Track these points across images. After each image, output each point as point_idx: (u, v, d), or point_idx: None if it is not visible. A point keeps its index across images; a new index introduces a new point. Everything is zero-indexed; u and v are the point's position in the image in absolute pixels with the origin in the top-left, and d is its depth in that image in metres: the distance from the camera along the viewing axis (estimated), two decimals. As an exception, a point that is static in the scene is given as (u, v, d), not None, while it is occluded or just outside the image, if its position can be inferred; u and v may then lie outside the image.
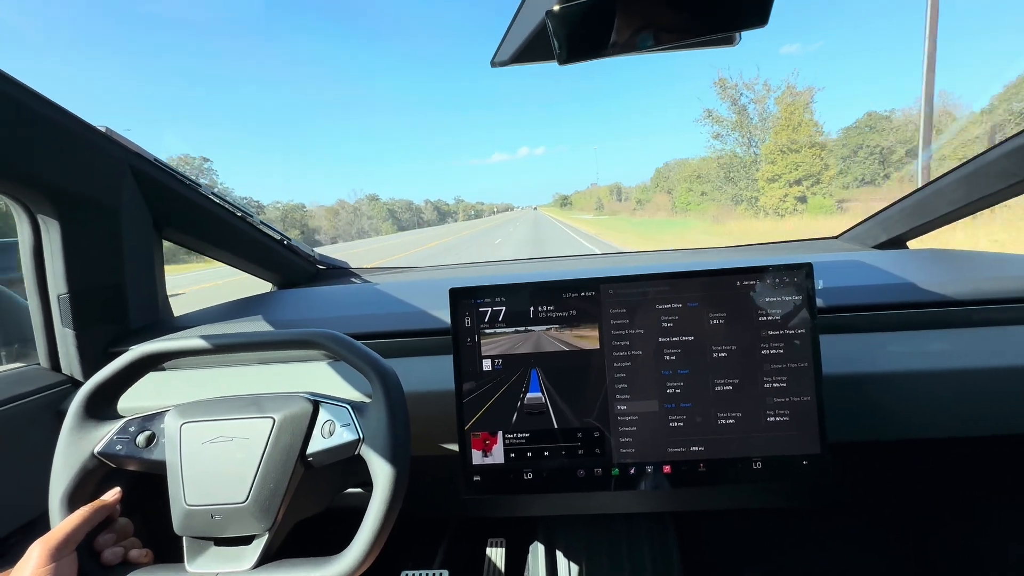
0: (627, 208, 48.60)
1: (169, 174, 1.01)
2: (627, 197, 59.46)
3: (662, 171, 41.55)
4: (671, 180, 36.68)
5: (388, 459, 0.59)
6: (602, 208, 64.91)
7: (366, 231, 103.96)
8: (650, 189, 43.81)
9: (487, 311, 0.72)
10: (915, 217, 1.25)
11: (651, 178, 46.74)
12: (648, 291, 0.70)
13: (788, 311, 0.68)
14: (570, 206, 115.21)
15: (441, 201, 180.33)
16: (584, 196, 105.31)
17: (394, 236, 64.60)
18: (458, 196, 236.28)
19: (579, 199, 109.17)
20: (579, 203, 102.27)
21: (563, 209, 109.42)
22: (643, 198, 43.91)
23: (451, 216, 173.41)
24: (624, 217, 40.60)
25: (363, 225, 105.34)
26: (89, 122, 0.84)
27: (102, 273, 0.93)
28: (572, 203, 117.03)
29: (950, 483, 0.94)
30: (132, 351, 0.65)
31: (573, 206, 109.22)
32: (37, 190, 0.79)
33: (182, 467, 0.61)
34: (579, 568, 1.18)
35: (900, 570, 1.18)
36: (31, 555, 0.53)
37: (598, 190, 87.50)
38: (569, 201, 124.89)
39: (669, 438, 0.70)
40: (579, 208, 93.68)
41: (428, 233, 53.77)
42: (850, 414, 0.73)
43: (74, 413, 0.63)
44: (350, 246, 40.00)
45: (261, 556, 0.58)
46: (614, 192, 74.20)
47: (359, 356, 0.63)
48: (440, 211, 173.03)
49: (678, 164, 36.89)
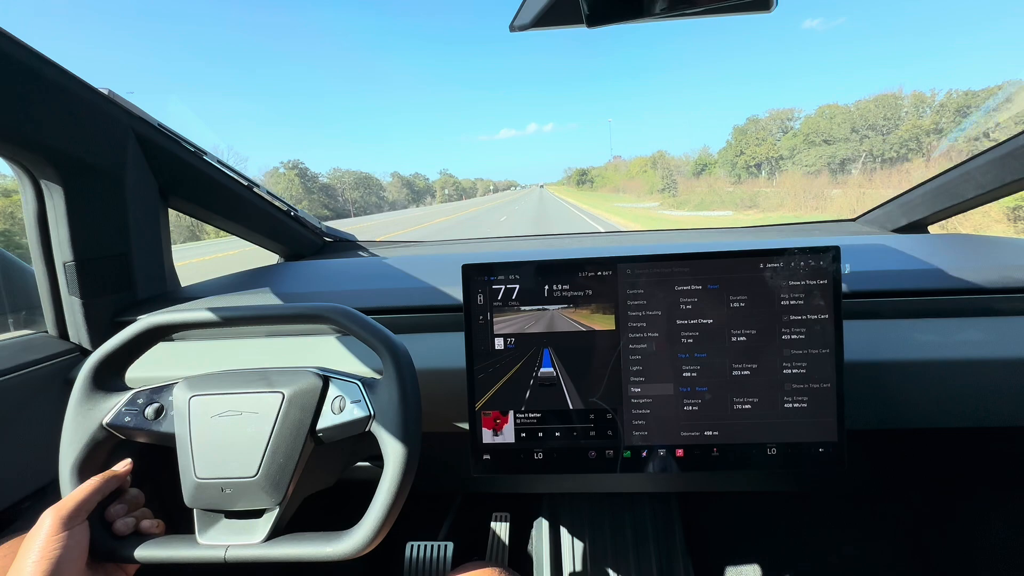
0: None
1: (174, 140, 0.99)
2: (699, 169, 41.88)
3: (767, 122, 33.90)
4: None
5: (399, 437, 0.58)
6: (674, 188, 37.01)
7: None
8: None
9: (500, 288, 0.71)
10: (939, 201, 1.21)
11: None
12: (667, 272, 0.68)
13: (812, 295, 0.66)
14: (591, 185, 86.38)
15: (417, 176, 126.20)
16: (610, 172, 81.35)
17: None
18: (444, 169, 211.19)
19: (605, 175, 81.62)
20: (606, 180, 75.26)
21: (582, 190, 79.95)
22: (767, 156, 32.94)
23: (430, 195, 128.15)
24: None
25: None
26: (91, 84, 0.81)
27: (108, 241, 0.92)
28: (594, 180, 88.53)
29: (965, 473, 0.93)
30: (140, 322, 0.64)
31: (597, 185, 79.87)
32: (38, 153, 0.77)
33: (191, 440, 0.60)
34: (583, 544, 1.20)
35: (904, 557, 1.18)
36: (43, 523, 0.53)
37: (625, 164, 68.73)
38: (589, 177, 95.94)
39: (683, 422, 0.69)
40: (610, 187, 63.33)
41: (359, 224, 31.95)
42: (869, 402, 0.72)
43: (81, 384, 0.62)
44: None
45: (272, 530, 0.58)
46: (657, 164, 50.02)
47: (371, 332, 0.62)
48: (414, 189, 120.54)
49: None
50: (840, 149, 28.20)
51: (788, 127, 37.80)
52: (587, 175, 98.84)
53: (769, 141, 37.77)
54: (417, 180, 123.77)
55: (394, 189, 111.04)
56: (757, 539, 1.26)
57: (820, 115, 34.39)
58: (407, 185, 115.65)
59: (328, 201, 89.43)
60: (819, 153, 30.36)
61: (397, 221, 31.07)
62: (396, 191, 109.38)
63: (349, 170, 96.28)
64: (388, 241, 1.56)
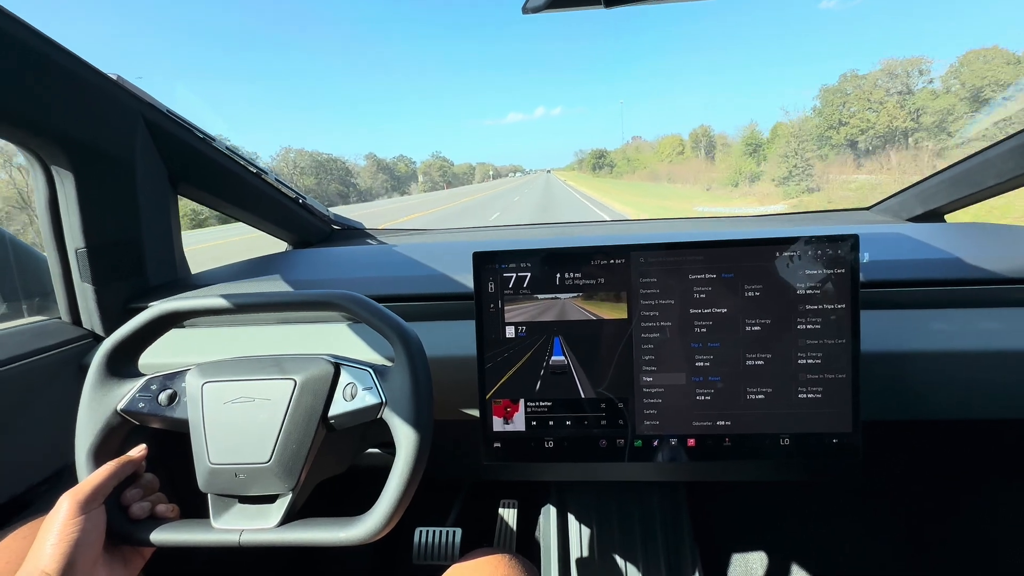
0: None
1: (183, 127, 0.98)
2: (751, 150, 30.93)
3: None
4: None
5: (411, 424, 0.58)
6: (807, 173, 22.70)
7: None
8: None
9: (511, 276, 0.70)
10: (957, 189, 1.19)
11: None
12: (680, 260, 0.67)
13: (829, 285, 0.65)
14: (611, 170, 70.22)
15: (401, 159, 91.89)
16: (632, 153, 65.62)
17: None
18: (437, 152, 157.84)
19: (632, 157, 64.18)
20: (636, 163, 59.84)
21: (600, 176, 67.06)
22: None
23: (415, 181, 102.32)
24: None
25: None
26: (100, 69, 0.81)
27: (119, 228, 0.92)
28: (616, 165, 70.87)
29: (978, 466, 0.92)
30: (153, 308, 0.64)
31: (621, 171, 63.41)
32: (49, 139, 0.77)
33: (205, 426, 0.60)
34: (590, 532, 1.20)
35: (913, 550, 1.18)
36: (61, 506, 0.53)
37: (651, 144, 57.17)
38: (608, 161, 77.50)
39: (695, 411, 0.68)
40: (643, 172, 48.81)
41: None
42: (884, 392, 0.71)
43: (95, 370, 0.63)
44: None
45: (285, 515, 0.58)
46: (701, 143, 41.20)
47: (382, 319, 0.61)
48: (395, 175, 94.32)
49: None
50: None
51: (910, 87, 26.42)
52: (605, 158, 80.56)
53: (888, 105, 27.17)
54: (399, 164, 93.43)
55: (367, 175, 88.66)
56: (764, 529, 1.26)
57: (977, 59, 23.44)
58: (385, 170, 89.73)
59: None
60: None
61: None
62: (370, 177, 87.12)
63: (304, 150, 74.91)
64: (397, 229, 1.55)
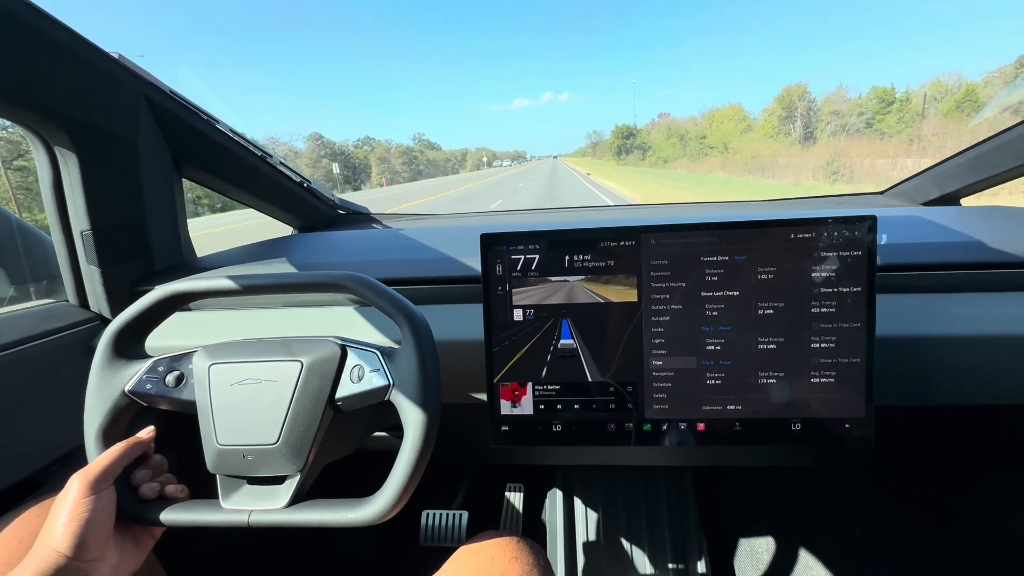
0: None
1: (187, 108, 0.97)
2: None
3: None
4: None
5: (419, 406, 0.58)
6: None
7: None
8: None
9: (519, 259, 0.69)
10: (974, 172, 1.16)
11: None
12: (692, 242, 0.66)
13: (844, 267, 0.63)
14: (643, 155, 53.83)
15: (367, 140, 70.32)
16: (659, 135, 52.66)
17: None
18: (419, 133, 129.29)
19: (682, 135, 49.96)
20: (688, 144, 46.76)
21: (626, 164, 52.78)
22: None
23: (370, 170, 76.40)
24: None
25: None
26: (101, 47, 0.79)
27: (123, 210, 0.91)
28: (652, 148, 53.62)
29: (990, 453, 0.91)
30: (159, 290, 0.63)
31: (663, 157, 48.56)
32: (49, 118, 0.76)
33: (212, 408, 0.60)
34: (596, 515, 1.21)
35: (921, 536, 1.18)
36: (71, 487, 0.54)
37: (694, 122, 46.46)
38: (639, 143, 58.90)
39: (705, 396, 0.67)
40: (731, 159, 36.09)
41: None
42: (898, 377, 0.70)
43: (102, 352, 0.62)
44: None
45: (293, 496, 0.58)
46: (796, 113, 30.95)
47: (389, 301, 0.61)
48: (350, 163, 74.77)
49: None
50: None
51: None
52: (634, 138, 59.55)
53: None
54: (358, 151, 71.72)
55: (306, 162, 69.43)
56: (771, 514, 1.26)
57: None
58: (336, 156, 71.15)
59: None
60: None
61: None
62: (308, 165, 68.31)
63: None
64: (403, 214, 1.54)
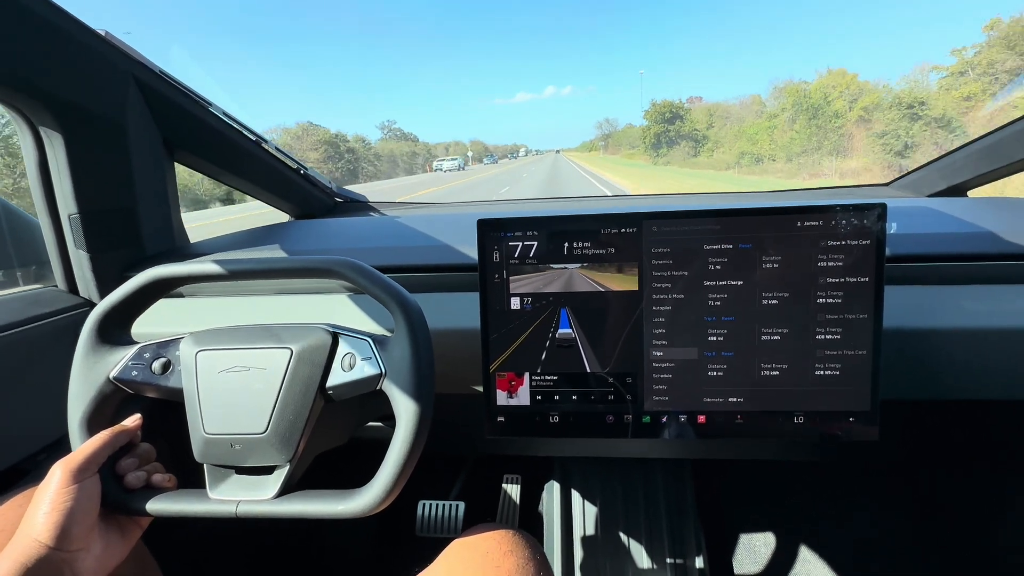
0: None
1: (177, 89, 0.94)
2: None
3: None
4: None
5: (412, 395, 0.56)
6: None
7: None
8: None
9: (517, 246, 0.67)
10: (982, 164, 1.14)
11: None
12: (696, 230, 0.64)
13: (852, 257, 0.61)
14: (699, 147, 41.52)
15: (310, 127, 55.23)
16: (699, 117, 41.82)
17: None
18: (389, 119, 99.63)
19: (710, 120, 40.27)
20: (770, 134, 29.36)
21: (660, 161, 42.70)
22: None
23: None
24: None
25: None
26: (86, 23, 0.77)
27: (112, 194, 0.89)
28: (706, 139, 40.99)
29: (994, 449, 0.90)
30: (144, 273, 0.62)
31: (756, 149, 30.63)
32: (34, 98, 0.73)
33: (199, 395, 0.59)
34: (594, 508, 1.20)
35: (920, 532, 1.17)
36: (53, 475, 0.52)
37: (734, 107, 37.45)
38: (692, 130, 43.86)
39: (706, 387, 0.66)
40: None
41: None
42: (904, 371, 0.68)
43: (87, 336, 0.61)
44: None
45: (283, 486, 0.57)
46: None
47: (381, 287, 0.59)
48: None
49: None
50: None
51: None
52: (682, 122, 44.52)
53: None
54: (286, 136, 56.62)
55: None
56: (770, 508, 1.25)
57: None
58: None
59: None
60: None
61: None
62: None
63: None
64: (401, 202, 1.52)
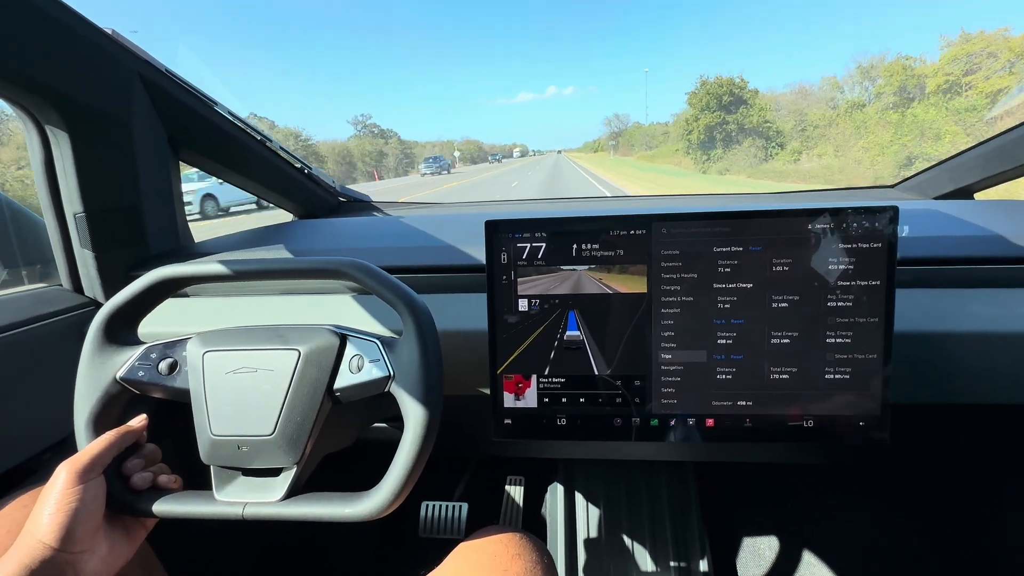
0: None
1: (182, 87, 0.94)
2: None
3: None
4: None
5: (420, 399, 0.56)
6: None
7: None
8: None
9: (525, 247, 0.67)
10: (990, 166, 1.13)
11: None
12: (706, 232, 0.63)
13: (863, 260, 0.61)
14: (769, 146, 22.13)
15: (285, 134, 37.48)
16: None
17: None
18: (363, 115, 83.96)
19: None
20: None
21: (709, 168, 24.95)
22: None
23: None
24: None
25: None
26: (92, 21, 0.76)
27: (118, 193, 0.89)
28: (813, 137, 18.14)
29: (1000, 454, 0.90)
30: (152, 273, 0.61)
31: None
32: (40, 96, 0.73)
33: (206, 397, 0.58)
34: (598, 510, 1.20)
35: (924, 537, 1.16)
36: (59, 476, 0.52)
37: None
38: (762, 121, 23.11)
39: (715, 391, 0.65)
40: None
41: None
42: (913, 375, 0.68)
43: (93, 337, 0.60)
44: None
45: (290, 489, 0.57)
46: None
47: (390, 289, 0.59)
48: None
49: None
50: None
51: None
52: (747, 108, 25.68)
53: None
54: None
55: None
56: (774, 510, 1.25)
57: None
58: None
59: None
60: None
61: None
62: None
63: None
64: (406, 202, 1.52)
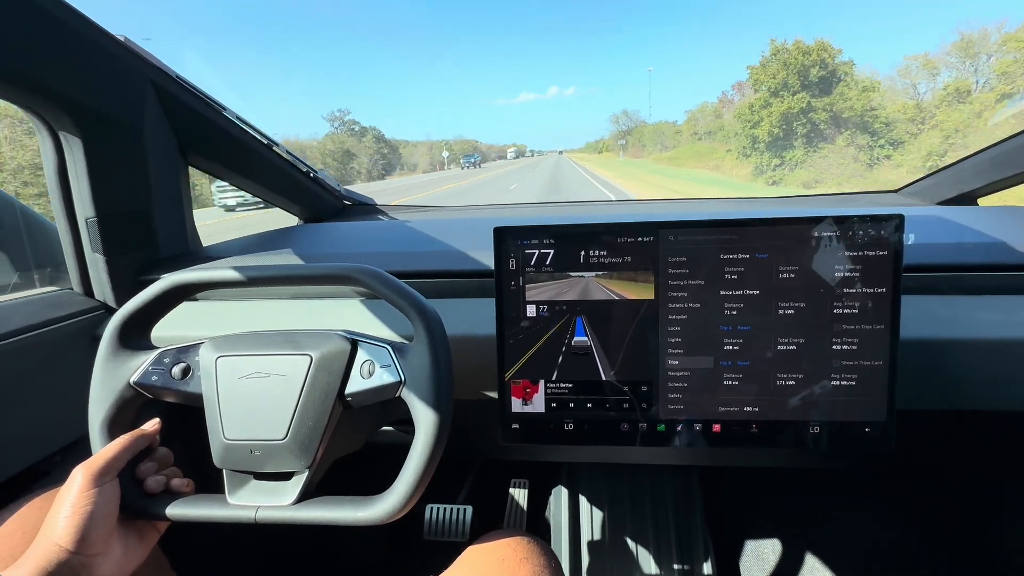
0: None
1: (193, 93, 0.95)
2: None
3: None
4: None
5: (431, 404, 0.56)
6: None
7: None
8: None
9: (534, 253, 0.67)
10: (994, 171, 1.13)
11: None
12: (713, 239, 0.64)
13: (869, 267, 0.61)
14: (877, 140, 17.49)
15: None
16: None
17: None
18: (341, 111, 79.28)
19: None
20: None
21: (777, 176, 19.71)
22: None
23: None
24: None
25: None
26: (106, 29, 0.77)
27: (129, 197, 0.90)
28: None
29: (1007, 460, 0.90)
30: (165, 279, 0.62)
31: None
32: (54, 102, 0.74)
33: (219, 401, 0.59)
34: (602, 514, 1.20)
35: (929, 542, 1.16)
36: (75, 479, 0.52)
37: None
38: (868, 107, 18.72)
39: (721, 396, 0.66)
40: None
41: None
42: (919, 381, 0.68)
43: (108, 342, 0.61)
44: None
45: (301, 492, 0.57)
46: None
47: (401, 295, 0.59)
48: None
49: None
50: None
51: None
52: (847, 87, 21.00)
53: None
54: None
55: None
56: (777, 513, 1.25)
57: None
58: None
59: None
60: None
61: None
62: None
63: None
64: (410, 205, 1.53)
